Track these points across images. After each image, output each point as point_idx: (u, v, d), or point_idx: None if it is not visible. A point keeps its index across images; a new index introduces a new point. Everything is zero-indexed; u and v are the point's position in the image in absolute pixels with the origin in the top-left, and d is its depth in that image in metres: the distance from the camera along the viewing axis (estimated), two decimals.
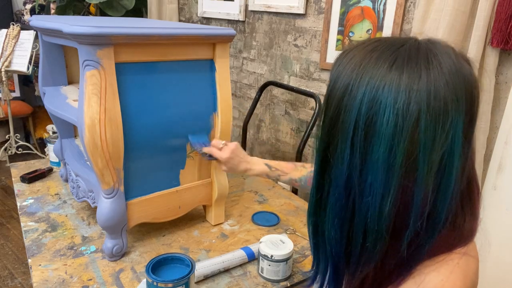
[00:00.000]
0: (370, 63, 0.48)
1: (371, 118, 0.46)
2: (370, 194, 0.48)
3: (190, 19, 2.62)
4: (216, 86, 1.08)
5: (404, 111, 0.45)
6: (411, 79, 0.46)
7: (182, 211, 1.13)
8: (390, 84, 0.46)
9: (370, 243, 0.49)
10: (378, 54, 0.49)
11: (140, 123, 0.96)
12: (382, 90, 0.46)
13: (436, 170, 0.47)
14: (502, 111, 1.19)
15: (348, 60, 0.51)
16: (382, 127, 0.46)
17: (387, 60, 0.48)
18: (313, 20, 1.80)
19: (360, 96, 0.47)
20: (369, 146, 0.47)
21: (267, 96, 2.12)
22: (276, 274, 0.97)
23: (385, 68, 0.47)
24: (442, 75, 0.46)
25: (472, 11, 1.18)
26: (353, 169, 0.49)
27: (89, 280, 0.95)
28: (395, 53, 0.48)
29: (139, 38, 0.90)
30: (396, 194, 0.47)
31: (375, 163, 0.47)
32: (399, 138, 0.45)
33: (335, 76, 0.51)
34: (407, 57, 0.47)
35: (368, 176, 0.48)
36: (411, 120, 0.45)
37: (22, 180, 1.40)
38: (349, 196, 0.50)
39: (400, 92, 0.45)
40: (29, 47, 2.82)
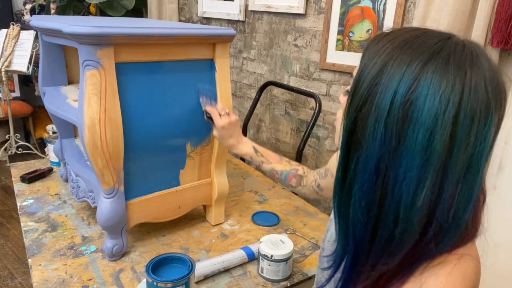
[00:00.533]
0: (414, 45, 0.47)
1: (410, 101, 0.45)
2: (405, 180, 0.46)
3: (190, 19, 2.62)
4: (216, 86, 1.08)
5: (446, 101, 0.44)
6: (456, 73, 0.44)
7: (182, 211, 1.13)
8: (434, 71, 0.44)
9: (399, 233, 0.48)
10: (423, 39, 0.47)
11: (140, 123, 0.96)
12: (426, 75, 0.44)
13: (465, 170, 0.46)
14: None
15: (388, 40, 0.49)
16: (422, 115, 0.44)
17: (433, 47, 0.46)
18: (313, 20, 1.80)
19: (399, 75, 0.45)
20: (406, 131, 0.45)
21: (267, 96, 2.12)
22: (276, 274, 0.97)
23: (430, 53, 0.46)
24: (482, 77, 0.45)
25: (472, 11, 1.18)
26: (386, 150, 0.47)
27: (89, 280, 0.95)
28: (441, 43, 0.47)
29: (139, 38, 0.90)
30: (430, 185, 0.46)
31: (412, 150, 0.45)
32: (439, 129, 0.44)
33: (372, 52, 0.49)
34: (453, 51, 0.46)
35: (403, 161, 0.46)
36: (451, 113, 0.44)
37: (22, 180, 1.40)
38: (378, 178, 0.48)
39: (443, 82, 0.44)
40: (29, 47, 2.82)
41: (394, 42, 0.48)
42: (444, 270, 0.49)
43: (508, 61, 1.19)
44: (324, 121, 1.84)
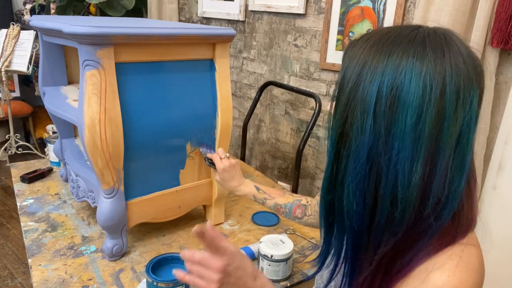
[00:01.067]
0: (390, 39, 0.50)
1: (395, 88, 0.47)
2: (399, 161, 0.48)
3: (190, 19, 2.62)
4: (216, 86, 1.08)
5: (431, 81, 0.46)
6: (435, 53, 0.47)
7: (182, 211, 1.13)
8: (414, 56, 0.47)
9: (399, 212, 0.49)
10: (397, 33, 0.50)
11: (140, 123, 0.96)
12: (406, 61, 0.47)
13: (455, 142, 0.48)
14: (502, 111, 1.19)
15: (364, 41, 0.52)
16: (409, 96, 0.47)
17: (408, 36, 0.49)
18: (313, 20, 1.80)
19: (382, 67, 0.48)
20: (395, 115, 0.47)
21: (267, 96, 2.12)
22: (276, 274, 0.97)
23: (406, 42, 0.49)
24: (459, 54, 0.48)
25: (472, 11, 1.18)
26: (376, 138, 0.49)
27: (89, 280, 0.95)
28: (414, 32, 0.50)
29: (139, 38, 0.90)
30: (424, 161, 0.48)
31: (402, 132, 0.47)
32: (427, 108, 0.46)
33: (351, 55, 0.52)
34: (427, 35, 0.49)
35: (395, 144, 0.48)
36: (437, 90, 0.46)
37: (22, 180, 1.40)
38: (371, 166, 0.50)
39: (425, 63, 0.47)
40: (29, 47, 2.82)
41: (370, 41, 0.51)
42: (450, 264, 0.50)
43: (508, 61, 1.19)
44: (324, 121, 1.84)
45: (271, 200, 1.01)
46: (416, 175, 0.48)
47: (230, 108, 1.11)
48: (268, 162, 2.21)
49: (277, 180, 2.10)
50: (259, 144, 2.26)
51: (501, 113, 1.20)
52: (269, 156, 2.20)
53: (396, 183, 0.48)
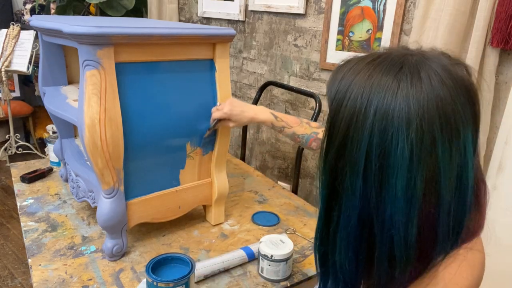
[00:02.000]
0: (373, 88, 0.47)
1: (383, 150, 0.45)
2: (393, 226, 0.46)
3: (190, 19, 2.62)
4: (216, 86, 1.08)
5: (419, 139, 0.44)
6: (419, 102, 0.44)
7: (182, 211, 1.13)
8: (399, 112, 0.44)
9: (399, 270, 0.48)
10: (380, 77, 0.47)
11: (140, 123, 0.96)
12: (392, 119, 0.45)
13: (455, 187, 0.46)
14: (502, 111, 1.19)
15: (348, 82, 0.49)
16: (397, 159, 0.45)
17: (390, 85, 0.46)
18: (313, 20, 1.80)
19: (369, 128, 0.46)
20: (385, 178, 0.46)
21: (267, 96, 2.12)
22: (276, 274, 0.97)
23: (390, 94, 0.45)
24: (447, 93, 0.45)
25: (472, 11, 1.18)
26: (366, 201, 0.47)
27: (89, 280, 0.95)
28: (398, 75, 0.46)
29: (139, 38, 0.90)
30: (420, 220, 0.46)
31: (393, 195, 0.45)
32: (418, 167, 0.44)
33: (338, 101, 0.49)
34: (410, 78, 0.46)
35: (387, 208, 0.46)
36: (427, 146, 0.44)
37: (22, 180, 1.40)
38: (363, 227, 0.49)
39: (411, 119, 0.44)
40: (29, 47, 2.82)
41: (353, 89, 0.48)
42: (455, 263, 0.50)
43: (508, 61, 1.19)
44: (324, 121, 1.84)
45: (289, 129, 1.00)
46: (413, 236, 0.46)
47: None
48: (268, 162, 2.21)
49: (277, 180, 2.10)
50: (259, 144, 2.26)
51: (501, 113, 1.20)
52: (269, 156, 2.20)
53: (392, 245, 0.47)
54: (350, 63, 0.51)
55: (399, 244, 0.47)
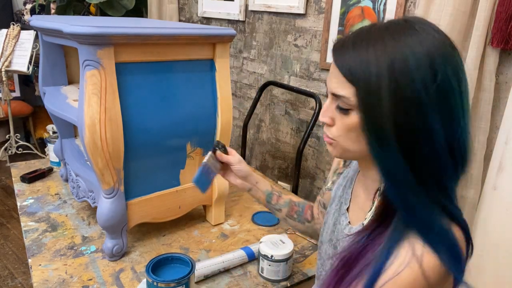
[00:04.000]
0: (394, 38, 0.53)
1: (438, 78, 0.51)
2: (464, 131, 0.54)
3: (190, 19, 2.62)
4: (216, 86, 1.08)
5: (453, 63, 0.53)
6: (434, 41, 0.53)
7: (182, 211, 1.13)
8: (428, 46, 0.52)
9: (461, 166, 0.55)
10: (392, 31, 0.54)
11: (140, 123, 0.96)
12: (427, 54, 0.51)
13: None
14: (502, 111, 1.19)
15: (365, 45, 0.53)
16: (452, 82, 0.52)
17: (407, 35, 0.52)
18: (313, 20, 1.80)
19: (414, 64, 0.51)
20: (448, 104, 0.52)
21: (267, 96, 2.12)
22: (276, 274, 0.97)
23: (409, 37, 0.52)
24: (446, 38, 0.54)
25: (472, 11, 1.18)
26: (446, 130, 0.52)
27: (89, 280, 0.95)
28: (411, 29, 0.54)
29: (139, 38, 0.90)
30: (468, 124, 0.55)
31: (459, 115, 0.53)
32: (464, 85, 0.54)
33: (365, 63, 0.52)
34: (421, 29, 0.53)
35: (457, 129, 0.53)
36: (459, 73, 0.53)
37: (22, 180, 1.40)
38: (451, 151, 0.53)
39: (440, 50, 0.52)
40: (29, 47, 2.82)
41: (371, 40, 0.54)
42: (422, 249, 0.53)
43: (508, 61, 1.19)
44: None
45: (286, 196, 0.92)
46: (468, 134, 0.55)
47: (230, 108, 1.11)
48: (268, 162, 2.21)
49: (277, 180, 2.10)
50: (259, 144, 2.26)
51: (501, 113, 1.20)
52: (269, 156, 2.20)
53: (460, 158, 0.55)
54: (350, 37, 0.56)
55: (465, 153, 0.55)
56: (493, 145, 1.19)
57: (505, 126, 1.12)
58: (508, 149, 1.11)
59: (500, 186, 1.14)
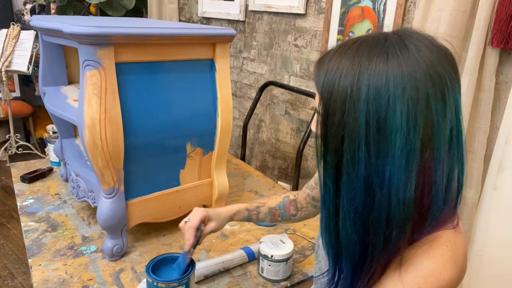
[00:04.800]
0: (363, 62, 0.49)
1: (382, 114, 0.47)
2: (392, 184, 0.49)
3: (190, 19, 2.62)
4: (216, 86, 1.08)
5: (414, 98, 0.47)
6: (411, 66, 0.48)
7: (182, 211, 1.13)
8: (393, 77, 0.47)
9: (395, 232, 0.50)
10: (367, 53, 0.50)
11: (140, 123, 0.96)
12: (387, 85, 0.47)
13: (448, 142, 0.50)
14: (502, 111, 1.19)
15: (335, 65, 0.51)
16: (396, 120, 0.47)
17: (380, 55, 0.49)
18: (313, 20, 1.80)
19: (364, 96, 0.48)
20: (384, 142, 0.48)
21: (267, 96, 2.12)
22: (276, 274, 0.97)
23: (381, 63, 0.48)
24: (433, 56, 0.49)
25: (472, 11, 1.18)
26: (371, 167, 0.49)
27: (89, 280, 0.95)
28: (384, 48, 0.49)
29: (139, 38, 0.90)
30: (418, 177, 0.49)
31: (392, 155, 0.48)
32: (415, 125, 0.47)
33: (329, 84, 0.51)
34: (397, 48, 0.49)
35: (386, 168, 0.49)
36: (422, 106, 0.47)
37: (22, 180, 1.40)
38: (368, 194, 0.50)
39: (405, 82, 0.47)
40: (29, 47, 2.82)
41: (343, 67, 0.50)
42: (435, 252, 0.52)
43: (508, 61, 1.19)
44: None
45: (263, 206, 0.94)
46: (410, 192, 0.49)
47: (230, 108, 1.11)
48: (268, 162, 2.21)
49: (277, 180, 2.10)
50: (259, 144, 2.26)
51: (501, 113, 1.20)
52: (269, 156, 2.20)
53: (391, 204, 0.49)
54: (330, 52, 0.54)
55: (397, 202, 0.49)
56: (493, 145, 1.19)
57: (505, 126, 1.12)
58: (508, 149, 1.11)
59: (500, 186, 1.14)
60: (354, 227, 0.52)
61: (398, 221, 0.50)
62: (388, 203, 0.49)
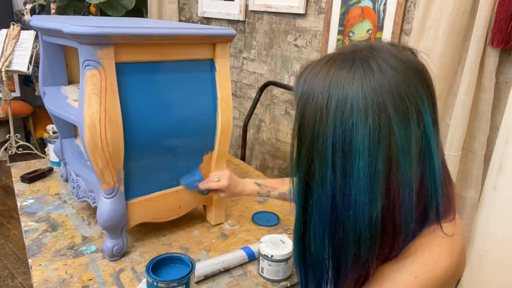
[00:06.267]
0: (331, 85, 0.51)
1: (347, 138, 0.49)
2: (357, 205, 0.50)
3: (190, 19, 2.62)
4: (216, 86, 1.08)
5: (376, 124, 0.48)
6: (373, 89, 0.49)
7: (182, 211, 1.13)
8: (356, 101, 0.49)
9: (365, 250, 0.51)
10: (336, 75, 0.51)
11: (140, 123, 0.96)
12: (351, 109, 0.49)
13: (417, 162, 0.50)
14: (502, 111, 1.19)
15: (309, 87, 0.53)
16: (358, 143, 0.49)
17: (346, 78, 0.50)
18: (313, 20, 1.80)
19: (332, 120, 0.50)
20: (349, 164, 0.50)
21: (267, 96, 2.12)
22: (276, 274, 0.97)
23: (347, 87, 0.50)
24: (397, 76, 0.49)
25: (472, 11, 1.18)
26: (336, 187, 0.51)
27: (89, 280, 0.95)
28: (351, 69, 0.51)
29: (139, 38, 0.90)
30: (383, 198, 0.50)
31: (357, 177, 0.49)
32: (377, 147, 0.49)
33: (302, 107, 0.54)
34: (362, 69, 0.50)
35: (352, 190, 0.50)
36: (385, 129, 0.48)
37: (22, 180, 1.40)
38: (335, 213, 0.52)
39: (367, 106, 0.48)
40: (29, 47, 2.82)
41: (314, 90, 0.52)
42: (431, 243, 0.53)
43: (508, 61, 1.19)
44: None
45: (274, 191, 1.05)
46: (376, 213, 0.49)
47: (230, 108, 1.11)
48: (268, 162, 2.21)
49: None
50: (259, 144, 2.26)
51: (501, 113, 1.20)
52: (269, 156, 2.20)
53: (357, 225, 0.50)
54: (309, 67, 0.55)
55: (363, 222, 0.50)
56: (493, 145, 1.19)
57: (505, 126, 1.12)
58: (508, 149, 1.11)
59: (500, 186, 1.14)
60: (323, 244, 0.54)
61: (366, 240, 0.50)
62: (355, 222, 0.50)
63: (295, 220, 0.58)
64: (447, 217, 0.56)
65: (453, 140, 1.21)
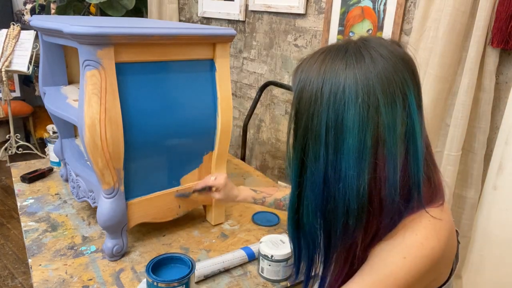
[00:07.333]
0: (326, 72, 0.56)
1: (339, 118, 0.55)
2: (347, 179, 0.55)
3: (190, 19, 2.62)
4: (216, 86, 1.08)
5: (365, 104, 0.54)
6: (364, 74, 0.54)
7: (182, 211, 1.13)
8: (349, 84, 0.55)
9: (352, 220, 0.57)
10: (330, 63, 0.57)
11: (140, 123, 0.96)
12: (343, 92, 0.55)
13: (402, 141, 0.55)
14: (502, 111, 1.19)
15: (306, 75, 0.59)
16: (349, 122, 0.54)
17: (340, 65, 0.56)
18: (313, 20, 1.80)
19: (326, 102, 0.56)
20: (340, 141, 0.55)
21: (267, 96, 2.12)
22: (276, 274, 0.97)
23: (340, 73, 0.55)
24: (386, 64, 0.55)
25: (472, 11, 1.18)
26: (328, 163, 0.57)
27: (89, 280, 0.95)
28: (344, 58, 0.56)
29: (139, 38, 0.90)
30: (370, 172, 0.55)
31: (347, 153, 0.55)
32: (366, 126, 0.54)
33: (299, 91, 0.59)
34: (354, 58, 0.56)
35: (342, 165, 0.56)
36: (373, 109, 0.54)
37: (22, 180, 1.40)
38: (327, 187, 0.57)
39: (358, 88, 0.54)
40: (29, 47, 2.82)
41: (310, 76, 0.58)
42: (418, 225, 0.57)
43: (508, 61, 1.19)
44: None
45: (269, 197, 1.07)
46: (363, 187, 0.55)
47: (230, 108, 1.11)
48: (269, 162, 2.21)
49: (277, 180, 2.10)
50: (259, 144, 2.26)
51: (501, 113, 1.20)
52: (269, 156, 2.20)
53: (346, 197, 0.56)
54: (305, 60, 0.61)
55: (352, 194, 0.55)
56: (493, 145, 1.19)
57: (505, 126, 1.12)
58: (508, 149, 1.11)
59: (500, 186, 1.14)
60: (315, 215, 0.60)
61: (354, 210, 0.56)
62: (344, 194, 0.56)
63: (290, 195, 0.63)
64: (435, 202, 0.60)
65: (453, 140, 1.21)
